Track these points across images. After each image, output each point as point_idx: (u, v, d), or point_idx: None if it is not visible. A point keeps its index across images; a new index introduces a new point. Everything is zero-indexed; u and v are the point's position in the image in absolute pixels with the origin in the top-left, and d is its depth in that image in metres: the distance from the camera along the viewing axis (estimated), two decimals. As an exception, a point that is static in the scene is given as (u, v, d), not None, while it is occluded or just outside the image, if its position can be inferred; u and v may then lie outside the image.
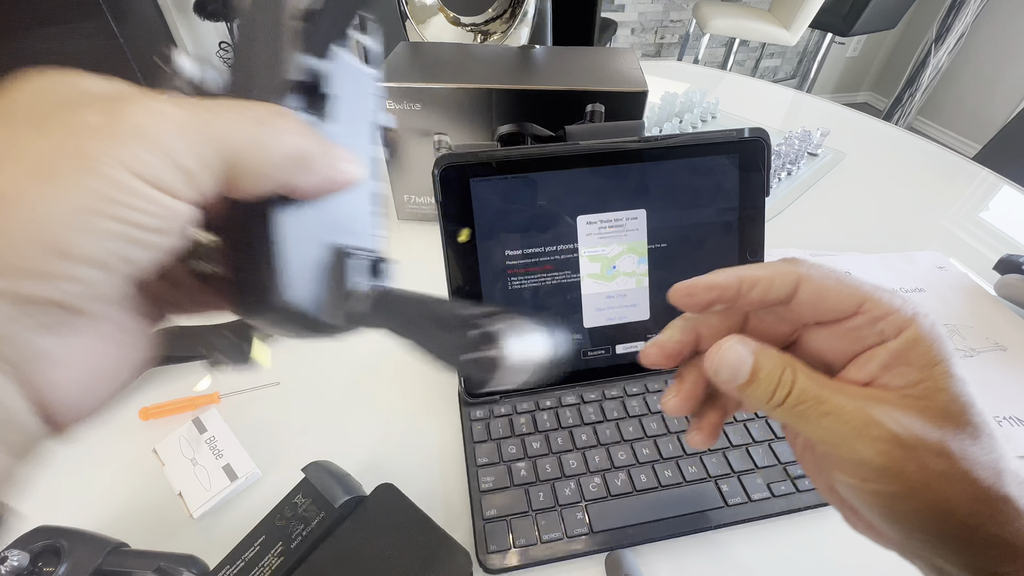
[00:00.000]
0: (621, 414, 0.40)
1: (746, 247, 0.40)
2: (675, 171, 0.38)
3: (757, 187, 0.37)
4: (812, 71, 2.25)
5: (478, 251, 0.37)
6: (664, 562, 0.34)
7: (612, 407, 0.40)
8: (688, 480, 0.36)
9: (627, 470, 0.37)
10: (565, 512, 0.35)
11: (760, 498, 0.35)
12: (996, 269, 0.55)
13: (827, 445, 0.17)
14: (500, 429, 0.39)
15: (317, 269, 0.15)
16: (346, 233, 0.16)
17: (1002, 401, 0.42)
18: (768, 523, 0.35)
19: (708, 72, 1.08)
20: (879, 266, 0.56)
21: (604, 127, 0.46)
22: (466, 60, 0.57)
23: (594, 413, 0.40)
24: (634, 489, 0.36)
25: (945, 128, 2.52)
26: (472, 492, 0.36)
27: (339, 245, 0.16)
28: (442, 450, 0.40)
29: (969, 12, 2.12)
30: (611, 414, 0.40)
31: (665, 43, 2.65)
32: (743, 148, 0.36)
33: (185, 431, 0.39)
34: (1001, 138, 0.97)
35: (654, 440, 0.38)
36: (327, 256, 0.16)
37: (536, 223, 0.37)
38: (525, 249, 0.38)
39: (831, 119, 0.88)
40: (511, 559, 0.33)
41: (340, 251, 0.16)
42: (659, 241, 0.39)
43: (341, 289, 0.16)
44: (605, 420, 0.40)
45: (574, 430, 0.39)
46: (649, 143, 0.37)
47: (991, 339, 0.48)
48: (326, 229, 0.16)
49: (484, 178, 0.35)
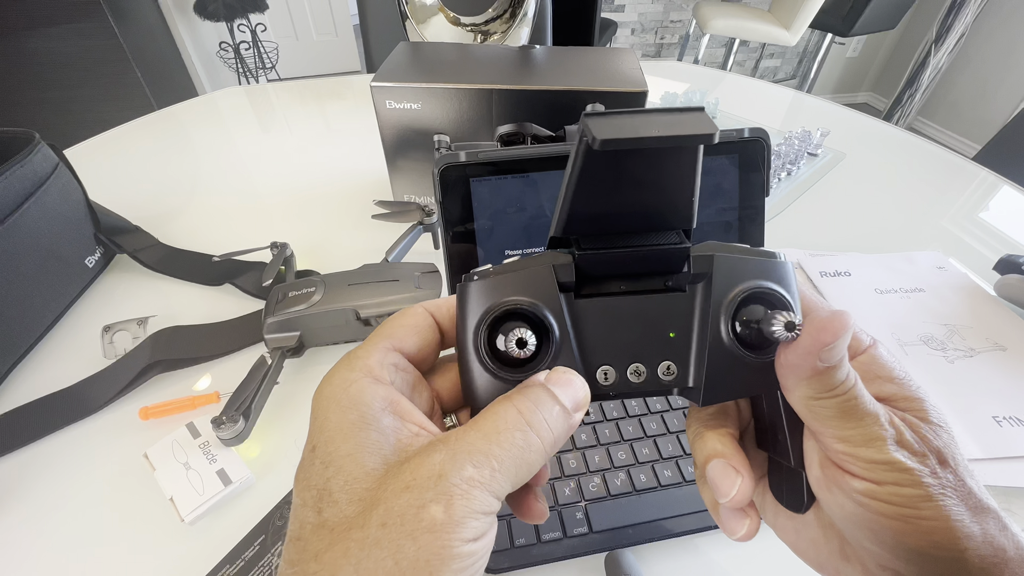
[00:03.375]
0: (620, 414, 0.40)
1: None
2: (675, 171, 0.38)
3: (757, 187, 0.37)
4: (812, 71, 2.25)
5: (478, 251, 0.37)
6: (664, 562, 0.34)
7: (611, 407, 0.40)
8: (688, 480, 0.36)
9: (627, 470, 0.37)
10: (564, 512, 0.35)
11: None
12: (996, 269, 0.55)
13: (852, 443, 0.16)
14: None
15: None
16: None
17: (1002, 401, 0.42)
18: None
19: (708, 72, 1.08)
20: (879, 266, 0.56)
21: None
22: (466, 60, 0.57)
23: (593, 413, 0.40)
24: (634, 489, 0.36)
25: (945, 128, 2.52)
26: None
27: None
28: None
29: (969, 12, 2.12)
30: (610, 414, 0.40)
31: (665, 43, 2.65)
32: (743, 148, 0.36)
33: (179, 436, 0.38)
34: (1001, 138, 0.97)
35: (654, 440, 0.38)
36: None
37: (537, 223, 0.37)
38: (525, 249, 0.38)
39: (831, 119, 0.88)
40: (511, 559, 0.33)
41: None
42: (659, 241, 0.39)
43: None
44: (604, 420, 0.40)
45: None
46: None
47: (991, 339, 0.48)
48: None
49: (484, 178, 0.35)
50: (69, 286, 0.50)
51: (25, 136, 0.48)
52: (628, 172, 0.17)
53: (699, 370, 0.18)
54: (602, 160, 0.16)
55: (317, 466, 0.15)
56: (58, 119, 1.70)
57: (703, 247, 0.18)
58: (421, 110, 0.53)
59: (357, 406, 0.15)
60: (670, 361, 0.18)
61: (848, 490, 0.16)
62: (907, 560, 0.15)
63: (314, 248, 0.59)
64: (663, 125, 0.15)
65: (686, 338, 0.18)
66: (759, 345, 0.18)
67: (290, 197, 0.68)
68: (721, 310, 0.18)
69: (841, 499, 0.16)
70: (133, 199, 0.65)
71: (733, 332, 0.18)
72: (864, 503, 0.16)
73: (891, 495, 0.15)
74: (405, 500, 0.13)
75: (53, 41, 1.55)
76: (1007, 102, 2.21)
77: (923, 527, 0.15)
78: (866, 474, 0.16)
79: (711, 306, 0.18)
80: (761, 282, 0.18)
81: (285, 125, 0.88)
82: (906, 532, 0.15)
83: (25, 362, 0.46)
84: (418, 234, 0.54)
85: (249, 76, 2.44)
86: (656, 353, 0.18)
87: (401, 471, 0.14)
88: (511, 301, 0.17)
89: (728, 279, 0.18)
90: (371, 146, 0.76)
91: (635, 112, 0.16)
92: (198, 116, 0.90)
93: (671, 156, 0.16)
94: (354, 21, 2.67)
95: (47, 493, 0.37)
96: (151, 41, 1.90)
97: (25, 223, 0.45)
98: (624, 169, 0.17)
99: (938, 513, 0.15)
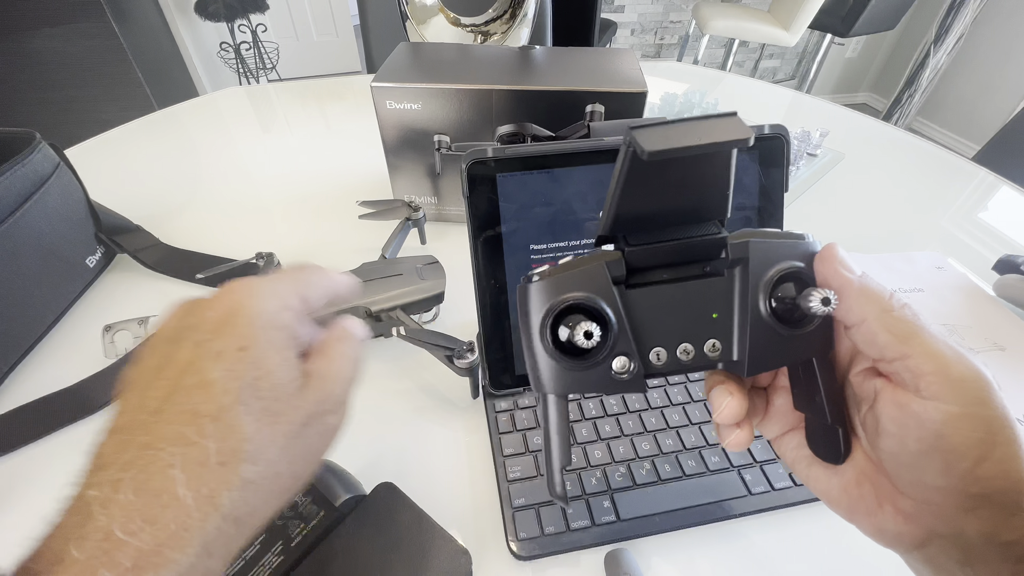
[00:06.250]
0: (643, 405, 0.41)
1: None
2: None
3: (776, 182, 0.37)
4: (811, 72, 2.25)
5: (504, 245, 0.37)
6: (687, 550, 0.34)
7: (634, 399, 0.41)
8: (711, 469, 0.37)
9: (651, 460, 0.38)
10: (592, 501, 0.36)
11: (783, 487, 0.36)
12: (995, 269, 0.55)
13: (938, 362, 0.17)
14: (525, 420, 0.40)
15: None
16: None
17: (1001, 401, 0.42)
18: (790, 511, 0.36)
19: (708, 73, 1.08)
20: (878, 266, 0.56)
21: (627, 123, 0.46)
22: (466, 60, 0.57)
23: (616, 405, 0.41)
24: (659, 478, 0.37)
25: (944, 128, 2.52)
26: (500, 481, 0.37)
27: None
28: (444, 449, 0.40)
29: (968, 13, 2.12)
30: (633, 406, 0.41)
31: (665, 44, 2.65)
32: (762, 144, 0.36)
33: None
34: (1000, 138, 0.97)
35: (676, 431, 0.39)
36: None
37: (561, 218, 0.38)
38: (550, 243, 0.38)
39: (830, 120, 0.88)
40: (541, 546, 0.33)
41: None
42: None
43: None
44: (628, 412, 0.41)
45: (597, 421, 0.40)
46: None
47: (990, 339, 0.48)
48: None
49: (511, 173, 0.36)
50: (70, 286, 0.50)
51: (26, 136, 0.48)
52: (671, 176, 0.19)
53: (742, 345, 0.20)
54: (648, 167, 0.18)
55: (247, 365, 0.18)
56: (59, 119, 1.70)
57: (739, 234, 0.20)
58: (421, 110, 0.53)
59: (287, 328, 0.20)
60: (715, 339, 0.20)
61: (927, 422, 0.17)
62: (971, 494, 0.16)
63: (314, 248, 0.59)
64: (703, 133, 0.17)
65: (728, 318, 0.20)
66: (794, 320, 0.20)
67: (290, 197, 0.68)
68: (759, 290, 0.19)
69: (917, 432, 0.17)
70: (134, 199, 0.65)
71: (771, 309, 0.19)
72: (945, 432, 0.16)
73: (972, 416, 0.16)
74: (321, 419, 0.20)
75: (54, 41, 1.55)
76: (1006, 102, 2.21)
77: (997, 454, 0.16)
78: (949, 395, 0.16)
79: (749, 287, 0.19)
80: (793, 262, 0.20)
81: (285, 125, 0.88)
82: (981, 459, 0.16)
83: (26, 362, 0.46)
84: (408, 230, 0.54)
85: (249, 76, 2.44)
86: (702, 333, 0.20)
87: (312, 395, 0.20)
88: (571, 297, 0.19)
89: (763, 262, 0.20)
90: (371, 146, 0.76)
91: (674, 122, 0.18)
92: (199, 116, 0.90)
93: (709, 159, 0.19)
94: (354, 21, 2.67)
95: (47, 493, 0.37)
96: (152, 41, 1.91)
97: (26, 223, 0.45)
98: (667, 173, 0.19)
99: (1011, 442, 0.16)
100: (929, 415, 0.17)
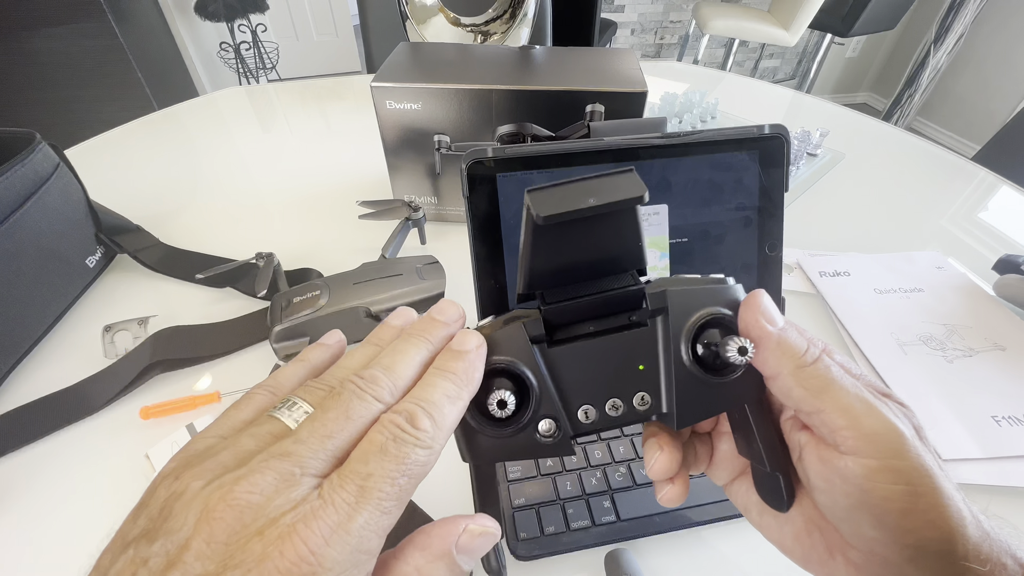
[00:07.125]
0: None
1: (765, 242, 0.41)
2: (696, 167, 0.38)
3: (776, 182, 0.38)
4: (811, 72, 2.25)
5: (504, 245, 0.37)
6: (687, 550, 0.34)
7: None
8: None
9: None
10: (592, 501, 0.36)
11: None
12: (995, 269, 0.55)
13: (849, 416, 0.17)
14: None
15: None
16: None
17: (1001, 401, 0.42)
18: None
19: (707, 72, 1.08)
20: (878, 266, 0.56)
21: (628, 123, 0.46)
22: (466, 60, 0.57)
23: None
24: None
25: (944, 128, 2.52)
26: (499, 481, 0.37)
27: None
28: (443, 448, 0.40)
29: (968, 12, 2.12)
30: None
31: (665, 44, 2.65)
32: (763, 144, 0.36)
33: (179, 436, 0.38)
34: (1000, 138, 0.97)
35: None
36: None
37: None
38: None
39: (830, 119, 0.88)
40: (541, 546, 0.34)
41: None
42: (680, 236, 0.40)
43: None
44: None
45: None
46: (672, 139, 0.37)
47: (990, 339, 0.48)
48: None
49: (511, 173, 0.36)
50: (70, 286, 0.50)
51: (26, 136, 0.48)
52: (575, 234, 0.19)
53: (670, 397, 0.19)
54: (550, 230, 0.18)
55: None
56: (59, 119, 1.70)
57: (657, 283, 0.20)
58: (421, 110, 0.53)
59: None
60: (644, 392, 0.19)
61: (850, 476, 0.17)
62: (906, 545, 0.16)
63: (313, 248, 0.59)
64: (598, 193, 0.17)
65: (654, 369, 0.19)
66: (718, 368, 0.19)
67: (290, 197, 0.68)
68: (681, 339, 0.19)
69: (843, 487, 0.17)
70: (134, 199, 0.65)
71: (695, 358, 0.19)
72: (868, 487, 0.16)
73: (890, 470, 0.16)
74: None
75: (54, 41, 1.55)
76: (1006, 102, 2.21)
77: (921, 504, 0.16)
78: (865, 448, 0.16)
79: (671, 337, 0.19)
80: (718, 308, 0.19)
81: (285, 125, 0.88)
82: (907, 512, 0.16)
83: (26, 362, 0.46)
84: (408, 230, 0.54)
85: (249, 76, 2.44)
86: (629, 386, 0.20)
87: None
88: (491, 361, 0.19)
89: (683, 310, 0.19)
90: (371, 146, 0.76)
91: (571, 182, 0.18)
92: (199, 116, 0.90)
93: (611, 216, 0.18)
94: (354, 21, 2.67)
95: (48, 493, 0.37)
96: (152, 41, 1.90)
97: (26, 223, 0.45)
98: (570, 233, 0.18)
99: (933, 491, 0.16)
100: (851, 470, 0.17)
